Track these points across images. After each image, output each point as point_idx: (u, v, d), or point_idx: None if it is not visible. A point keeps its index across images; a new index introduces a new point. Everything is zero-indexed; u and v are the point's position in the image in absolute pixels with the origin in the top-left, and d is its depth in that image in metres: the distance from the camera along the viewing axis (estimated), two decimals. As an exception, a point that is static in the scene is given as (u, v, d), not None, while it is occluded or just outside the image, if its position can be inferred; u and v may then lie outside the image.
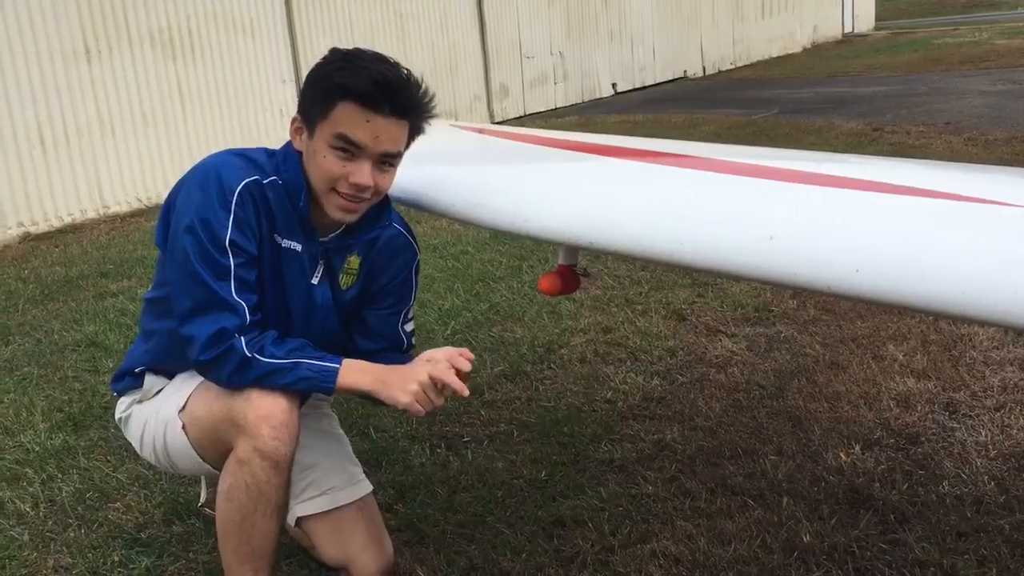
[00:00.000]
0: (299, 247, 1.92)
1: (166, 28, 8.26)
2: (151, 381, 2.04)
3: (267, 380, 1.81)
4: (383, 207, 1.99)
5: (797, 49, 20.26)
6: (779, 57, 19.23)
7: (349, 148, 1.80)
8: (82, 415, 3.35)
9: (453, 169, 2.24)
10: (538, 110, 13.21)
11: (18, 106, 7.15)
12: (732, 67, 17.91)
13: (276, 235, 1.88)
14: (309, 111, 1.84)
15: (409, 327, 2.17)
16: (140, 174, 8.08)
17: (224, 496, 1.85)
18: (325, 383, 1.83)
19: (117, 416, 2.13)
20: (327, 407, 2.27)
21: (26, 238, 7.06)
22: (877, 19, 25.26)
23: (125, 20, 7.92)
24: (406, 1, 10.99)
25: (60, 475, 2.92)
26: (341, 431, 2.26)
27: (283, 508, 1.89)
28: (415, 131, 1.89)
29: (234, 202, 1.79)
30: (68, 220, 7.48)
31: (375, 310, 2.11)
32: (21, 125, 7.17)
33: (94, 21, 7.67)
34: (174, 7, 8.31)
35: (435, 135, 1.95)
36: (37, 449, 3.10)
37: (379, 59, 1.81)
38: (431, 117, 1.90)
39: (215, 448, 1.89)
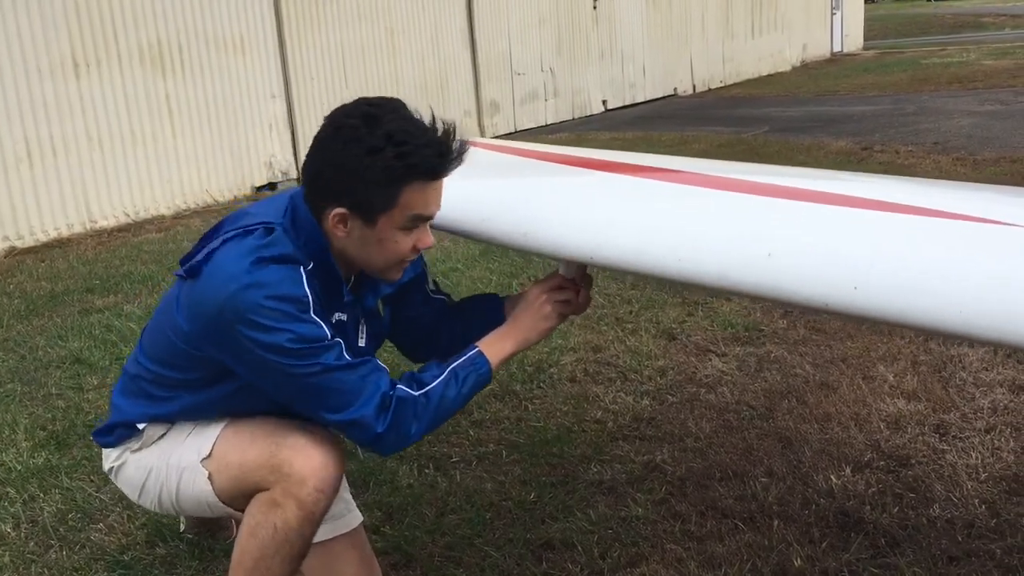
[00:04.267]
0: (345, 317, 1.87)
1: (155, 44, 8.25)
2: (152, 429, 1.91)
3: (444, 404, 1.79)
4: None
5: (787, 68, 20.39)
6: (769, 76, 19.35)
7: (421, 223, 1.77)
8: (65, 433, 3.31)
9: (452, 183, 2.24)
10: (528, 126, 13.25)
11: (5, 120, 7.13)
12: (722, 85, 18.01)
13: (331, 314, 1.83)
14: (365, 204, 1.72)
15: (433, 285, 2.19)
16: (128, 188, 8.06)
17: (248, 531, 1.78)
18: (481, 371, 1.84)
19: (107, 466, 2.00)
20: None
21: (11, 252, 7.01)
22: (866, 39, 25.46)
23: (114, 35, 7.91)
24: (397, 18, 11.01)
25: (42, 495, 2.88)
26: None
27: (302, 558, 1.82)
28: None
29: (311, 307, 1.69)
30: (54, 234, 7.44)
31: (408, 302, 2.12)
32: (8, 139, 7.14)
33: (83, 36, 7.66)
34: (164, 23, 8.31)
35: None
36: (19, 468, 3.06)
37: (415, 121, 1.72)
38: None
39: (244, 494, 1.81)
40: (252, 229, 1.75)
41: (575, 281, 2.01)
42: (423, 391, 1.77)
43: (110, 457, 1.98)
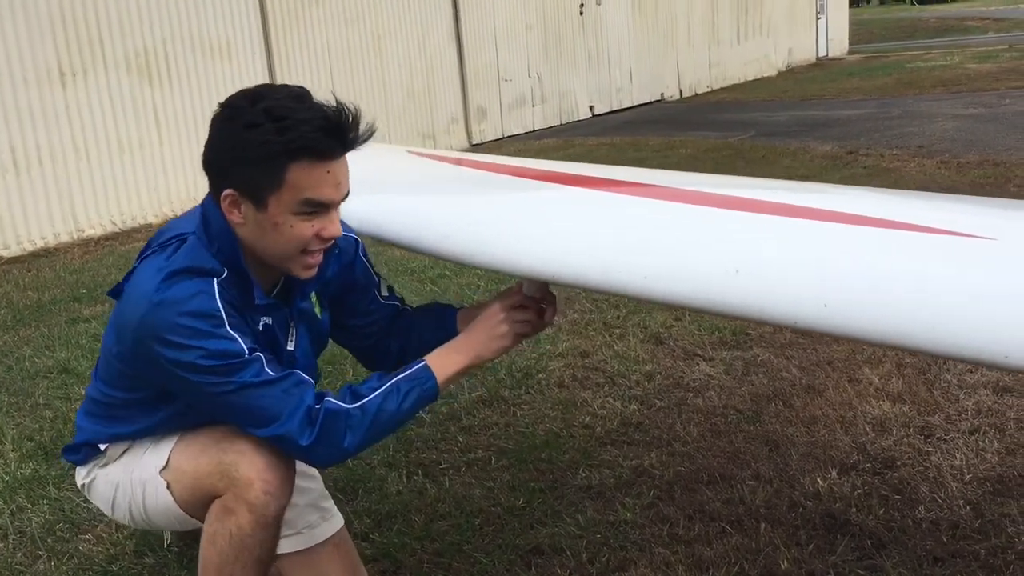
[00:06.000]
0: (271, 320, 1.84)
1: (142, 52, 8.23)
2: (114, 448, 1.92)
3: (382, 418, 1.73)
4: None
5: (772, 72, 20.48)
6: (755, 80, 19.42)
7: (317, 209, 1.69)
8: (53, 444, 3.30)
9: (416, 200, 2.20)
10: (516, 132, 13.26)
11: (-9, 129, 7.10)
12: (709, 90, 18.07)
13: (253, 321, 1.80)
14: (251, 183, 1.67)
15: (386, 291, 2.13)
16: (115, 197, 8.03)
17: (207, 539, 1.79)
18: (426, 385, 1.79)
19: (79, 483, 2.01)
20: None
21: (-2, 262, 6.99)
22: (850, 43, 25.58)
23: (100, 43, 7.89)
24: (384, 23, 11.02)
25: (30, 505, 2.87)
26: (314, 469, 2.21)
27: (265, 563, 1.81)
28: None
29: (225, 322, 1.66)
30: (41, 243, 7.41)
31: (354, 309, 2.08)
32: (-6, 148, 7.12)
33: (69, 44, 7.63)
34: (150, 31, 8.29)
35: (394, 164, 1.91)
36: (7, 479, 3.05)
37: (302, 99, 1.66)
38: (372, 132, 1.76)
39: (202, 502, 1.80)
40: (168, 243, 1.75)
41: (537, 300, 1.94)
42: (358, 404, 1.72)
43: (81, 474, 1.99)
